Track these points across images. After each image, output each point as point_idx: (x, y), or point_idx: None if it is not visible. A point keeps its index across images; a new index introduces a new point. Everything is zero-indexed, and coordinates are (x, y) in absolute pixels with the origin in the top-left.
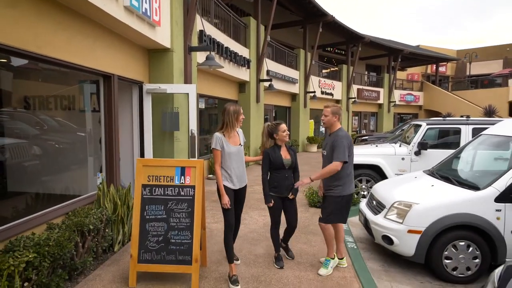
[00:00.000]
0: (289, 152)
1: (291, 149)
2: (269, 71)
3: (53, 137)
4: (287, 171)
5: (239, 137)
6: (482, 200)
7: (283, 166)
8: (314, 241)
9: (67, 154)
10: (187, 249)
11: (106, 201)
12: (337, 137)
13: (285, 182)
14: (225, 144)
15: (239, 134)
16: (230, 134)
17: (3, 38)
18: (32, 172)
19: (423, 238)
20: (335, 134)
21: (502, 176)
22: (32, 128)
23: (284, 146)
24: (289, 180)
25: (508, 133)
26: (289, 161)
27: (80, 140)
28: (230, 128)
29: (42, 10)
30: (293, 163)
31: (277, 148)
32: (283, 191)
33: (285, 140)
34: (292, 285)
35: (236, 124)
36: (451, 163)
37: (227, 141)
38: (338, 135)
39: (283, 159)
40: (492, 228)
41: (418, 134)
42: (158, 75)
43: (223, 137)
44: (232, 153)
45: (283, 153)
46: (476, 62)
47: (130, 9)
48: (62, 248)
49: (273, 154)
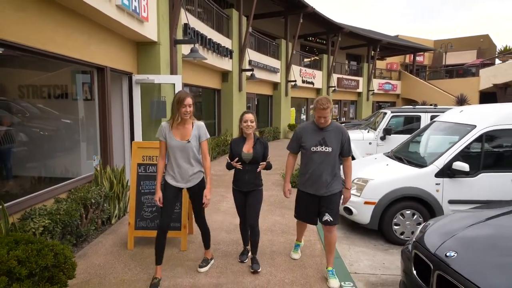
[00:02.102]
0: (254, 146)
1: (260, 142)
2: (251, 61)
3: (53, 124)
4: (247, 165)
5: (191, 131)
6: (425, 175)
7: (242, 160)
8: (287, 214)
9: (66, 139)
10: (177, 218)
11: (104, 180)
12: (343, 130)
13: (244, 177)
14: (167, 136)
15: (196, 128)
16: (178, 126)
17: (15, 38)
18: (38, 155)
19: (377, 208)
20: (336, 127)
21: (441, 156)
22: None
23: (252, 138)
24: (249, 175)
25: (453, 120)
26: (250, 155)
27: (75, 126)
28: (174, 118)
29: (45, 11)
30: (254, 158)
31: (242, 140)
32: (241, 186)
33: (246, 131)
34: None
35: (178, 115)
36: (407, 146)
37: (171, 133)
38: (341, 128)
39: (242, 152)
40: (433, 199)
41: (383, 121)
42: (146, 67)
43: (168, 128)
44: (174, 147)
45: (246, 147)
46: (451, 52)
47: (121, 8)
48: (71, 217)
49: (235, 146)
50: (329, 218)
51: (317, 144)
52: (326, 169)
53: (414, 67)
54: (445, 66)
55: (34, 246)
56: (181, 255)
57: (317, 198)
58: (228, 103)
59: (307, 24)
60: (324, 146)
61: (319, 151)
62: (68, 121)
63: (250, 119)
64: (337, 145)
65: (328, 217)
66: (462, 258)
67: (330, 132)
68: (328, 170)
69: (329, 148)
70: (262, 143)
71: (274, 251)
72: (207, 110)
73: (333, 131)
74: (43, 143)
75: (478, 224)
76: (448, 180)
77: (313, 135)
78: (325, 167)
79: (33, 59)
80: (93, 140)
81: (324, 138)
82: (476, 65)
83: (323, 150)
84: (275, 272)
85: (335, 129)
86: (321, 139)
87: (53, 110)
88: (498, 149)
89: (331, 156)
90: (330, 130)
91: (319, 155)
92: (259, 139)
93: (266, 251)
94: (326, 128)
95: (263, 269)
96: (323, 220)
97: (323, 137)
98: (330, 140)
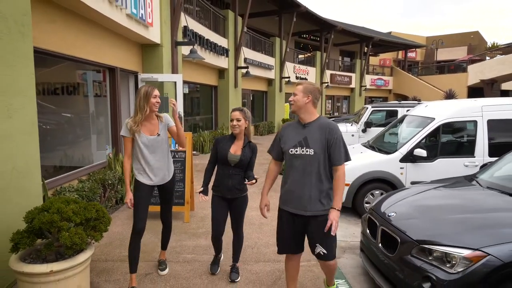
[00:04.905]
0: (243, 148)
1: (249, 145)
2: (246, 59)
3: (73, 118)
4: (231, 168)
5: (158, 125)
6: (391, 161)
7: (227, 162)
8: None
9: (82, 130)
10: (181, 195)
11: (117, 165)
12: (331, 127)
13: (228, 182)
14: (134, 132)
15: (163, 119)
16: (144, 122)
17: (46, 45)
18: (60, 144)
19: (350, 188)
20: (322, 122)
21: (405, 144)
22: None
23: (242, 140)
24: (233, 180)
25: (419, 114)
26: (237, 158)
27: (87, 120)
28: (141, 113)
29: (69, 21)
30: (241, 161)
31: (230, 138)
32: (224, 192)
33: (232, 130)
34: None
35: (147, 108)
36: (382, 137)
37: (139, 129)
38: (328, 124)
39: (228, 153)
40: (397, 180)
41: (365, 115)
42: (150, 66)
43: (132, 124)
44: (144, 143)
45: (235, 147)
46: (443, 49)
47: (130, 16)
48: (94, 193)
49: (221, 144)
50: (322, 250)
51: (297, 145)
52: (309, 179)
53: (406, 63)
54: (437, 62)
55: (81, 204)
56: (185, 225)
57: (301, 220)
58: (224, 99)
59: (300, 22)
60: (305, 147)
61: (299, 154)
62: (84, 115)
63: (237, 118)
64: (322, 147)
65: (320, 249)
66: (398, 216)
67: (313, 130)
68: (311, 180)
69: (311, 150)
70: (251, 147)
71: (262, 223)
72: (204, 106)
73: (317, 128)
74: (63, 135)
75: (415, 195)
76: (410, 164)
77: (293, 133)
78: (307, 176)
79: (57, 61)
80: (106, 132)
81: (306, 137)
82: (465, 61)
83: (303, 153)
84: (262, 237)
85: (320, 126)
86: (302, 138)
87: (67, 107)
88: (453, 138)
89: (315, 161)
90: (313, 127)
91: (300, 160)
92: (250, 143)
93: (255, 223)
94: (309, 124)
95: (252, 232)
96: (315, 252)
97: (304, 135)
98: (313, 140)
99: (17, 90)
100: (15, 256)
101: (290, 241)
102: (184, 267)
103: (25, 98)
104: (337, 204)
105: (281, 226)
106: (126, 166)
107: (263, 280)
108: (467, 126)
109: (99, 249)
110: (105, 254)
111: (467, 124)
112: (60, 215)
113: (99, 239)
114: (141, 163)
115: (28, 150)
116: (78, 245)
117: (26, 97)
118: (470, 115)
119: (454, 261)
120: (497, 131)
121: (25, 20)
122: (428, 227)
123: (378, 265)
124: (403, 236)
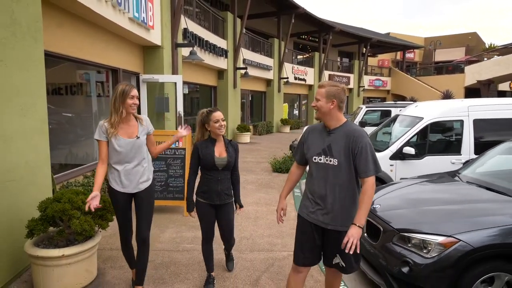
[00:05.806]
0: (227, 149)
1: (231, 144)
2: (245, 60)
3: (80, 118)
4: (220, 173)
5: (137, 127)
6: (382, 158)
7: (215, 167)
8: (271, 192)
9: (86, 129)
10: (180, 190)
11: None
12: (357, 134)
13: (217, 187)
14: (111, 135)
15: (143, 122)
16: (121, 124)
17: (56, 48)
18: (66, 142)
19: None
20: (347, 129)
21: (395, 143)
22: None
23: (222, 140)
24: (222, 184)
25: (409, 113)
26: (224, 160)
27: (91, 119)
28: (117, 115)
29: (76, 25)
30: (229, 163)
31: (210, 142)
32: (213, 198)
33: (218, 133)
34: None
35: (122, 109)
36: (374, 136)
37: (115, 132)
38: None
39: (215, 157)
40: (387, 177)
41: (359, 115)
42: (151, 67)
43: (108, 126)
44: (121, 147)
45: (218, 150)
46: (441, 50)
47: (133, 19)
48: None
49: (204, 150)
50: (342, 262)
51: (321, 152)
52: (332, 191)
53: (404, 63)
54: (435, 63)
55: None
56: (184, 218)
57: (320, 231)
58: (223, 99)
59: (299, 23)
60: (329, 156)
61: (322, 163)
62: (87, 114)
63: (222, 118)
64: (346, 157)
65: (339, 260)
66: (382, 208)
67: (338, 137)
68: (335, 192)
69: (335, 159)
70: (232, 146)
71: (258, 217)
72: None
73: (342, 136)
74: (68, 133)
75: (400, 189)
76: (400, 162)
77: (318, 140)
78: (330, 187)
79: (62, 62)
80: None
81: (330, 144)
82: (462, 62)
83: (327, 162)
84: (257, 229)
85: (345, 133)
86: (326, 146)
87: (74, 106)
88: (440, 136)
89: (340, 172)
90: (338, 134)
91: (322, 169)
92: (231, 141)
93: (251, 217)
94: (334, 131)
95: (248, 225)
96: (334, 262)
97: (329, 143)
98: (337, 149)
99: (30, 91)
100: (30, 241)
101: (304, 252)
102: (184, 256)
103: (37, 98)
104: (359, 220)
105: (298, 236)
106: (99, 171)
107: (257, 266)
108: (454, 125)
109: (104, 239)
110: (110, 243)
111: (454, 123)
112: (71, 204)
113: (105, 227)
114: (116, 168)
115: (39, 146)
116: (87, 232)
117: (38, 97)
118: (457, 115)
119: (430, 247)
120: (483, 130)
121: (37, 26)
122: (410, 217)
123: (365, 255)
124: (385, 225)
